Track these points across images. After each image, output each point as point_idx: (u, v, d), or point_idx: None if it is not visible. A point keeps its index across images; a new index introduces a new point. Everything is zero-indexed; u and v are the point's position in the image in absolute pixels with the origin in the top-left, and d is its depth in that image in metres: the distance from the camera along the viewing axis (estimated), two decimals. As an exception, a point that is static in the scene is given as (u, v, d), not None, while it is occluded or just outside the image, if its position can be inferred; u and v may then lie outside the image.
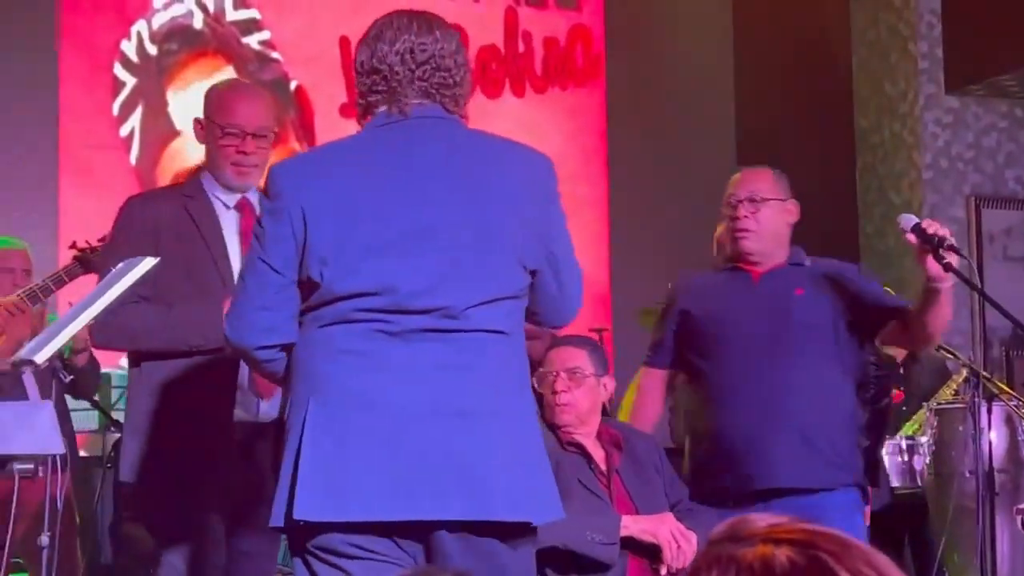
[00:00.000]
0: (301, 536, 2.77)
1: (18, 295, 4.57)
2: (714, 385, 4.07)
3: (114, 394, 5.46)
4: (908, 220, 3.79)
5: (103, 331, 3.72)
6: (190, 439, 3.61)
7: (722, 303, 4.10)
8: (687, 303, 4.18)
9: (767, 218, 4.05)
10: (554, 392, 3.98)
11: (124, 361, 5.50)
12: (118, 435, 4.88)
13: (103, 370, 5.33)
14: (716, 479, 4.00)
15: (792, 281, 4.05)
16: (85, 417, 5.40)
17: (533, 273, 2.91)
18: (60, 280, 4.61)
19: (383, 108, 2.85)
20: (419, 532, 2.79)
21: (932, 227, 3.74)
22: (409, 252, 2.83)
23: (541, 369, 4.02)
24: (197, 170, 3.97)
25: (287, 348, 2.89)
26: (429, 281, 2.80)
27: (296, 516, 2.71)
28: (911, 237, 3.71)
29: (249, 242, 3.51)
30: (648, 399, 4.38)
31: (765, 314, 4.02)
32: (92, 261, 4.45)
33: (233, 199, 3.79)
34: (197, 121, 3.87)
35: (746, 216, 4.03)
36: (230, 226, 3.81)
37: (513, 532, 2.84)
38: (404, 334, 2.81)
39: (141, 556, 4.91)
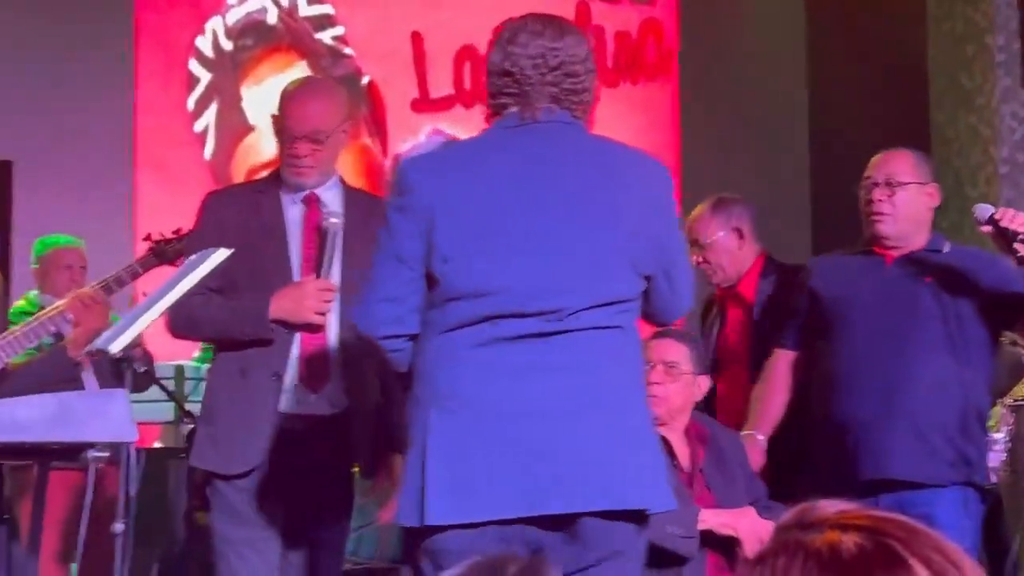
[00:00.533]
0: (419, 537, 2.88)
1: (93, 285, 4.64)
2: (833, 369, 4.07)
3: (188, 386, 5.56)
4: (984, 210, 3.78)
5: (175, 320, 3.82)
6: (242, 427, 3.76)
7: (850, 286, 4.09)
8: (817, 283, 4.18)
9: (904, 201, 4.01)
10: (648, 383, 3.90)
11: (197, 354, 5.79)
12: (192, 426, 4.94)
13: (179, 362, 5.60)
14: (825, 465, 4.02)
15: (925, 267, 4.01)
16: (161, 409, 5.51)
17: (648, 277, 3.00)
18: (135, 271, 4.66)
19: (514, 110, 2.93)
20: (543, 526, 2.91)
21: (1007, 216, 3.73)
22: (527, 254, 2.92)
23: None
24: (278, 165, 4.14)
25: (414, 338, 2.99)
26: (544, 284, 2.90)
27: (429, 522, 2.82)
28: (986, 228, 3.75)
29: (311, 237, 3.84)
30: (776, 382, 4.35)
31: (892, 300, 4.02)
32: (166, 252, 4.54)
33: (300, 194, 3.87)
34: (272, 117, 4.00)
35: (881, 199, 3.99)
36: (294, 221, 3.92)
37: (629, 521, 2.94)
38: (519, 337, 2.92)
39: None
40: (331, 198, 3.92)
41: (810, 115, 8.35)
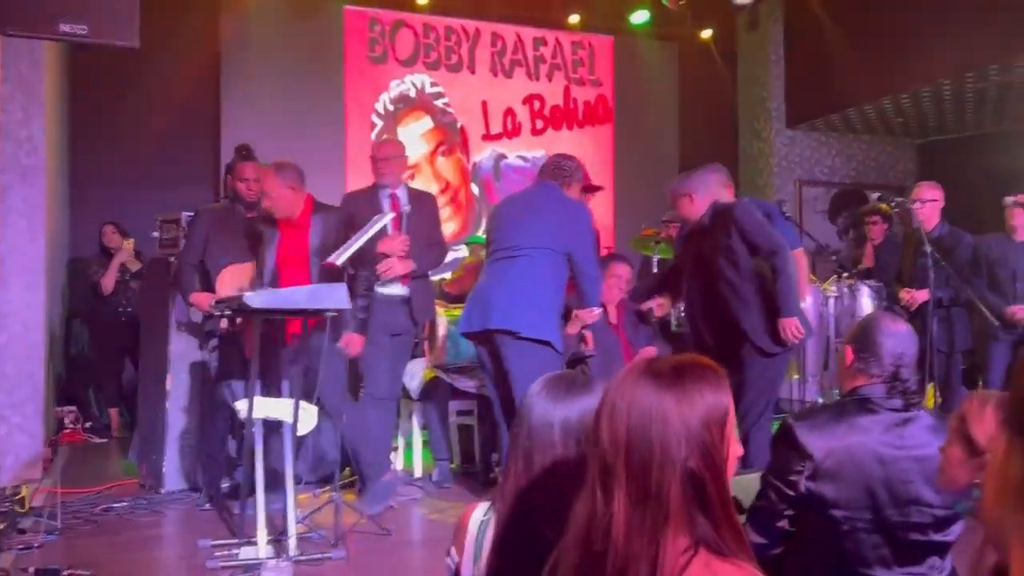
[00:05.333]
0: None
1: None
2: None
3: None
4: None
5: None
6: None
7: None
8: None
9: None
10: (605, 290, 5.25)
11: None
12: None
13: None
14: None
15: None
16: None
17: (566, 255, 4.55)
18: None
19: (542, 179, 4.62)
20: (491, 334, 4.54)
21: None
22: (509, 229, 4.60)
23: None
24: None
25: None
26: (513, 239, 4.58)
27: (461, 330, 4.51)
28: None
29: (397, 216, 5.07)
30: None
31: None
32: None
33: (387, 191, 5.27)
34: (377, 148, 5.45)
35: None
36: (388, 206, 5.28)
37: (511, 336, 4.50)
38: (500, 258, 4.61)
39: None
40: (401, 194, 5.32)
41: (680, 147, 10.58)
